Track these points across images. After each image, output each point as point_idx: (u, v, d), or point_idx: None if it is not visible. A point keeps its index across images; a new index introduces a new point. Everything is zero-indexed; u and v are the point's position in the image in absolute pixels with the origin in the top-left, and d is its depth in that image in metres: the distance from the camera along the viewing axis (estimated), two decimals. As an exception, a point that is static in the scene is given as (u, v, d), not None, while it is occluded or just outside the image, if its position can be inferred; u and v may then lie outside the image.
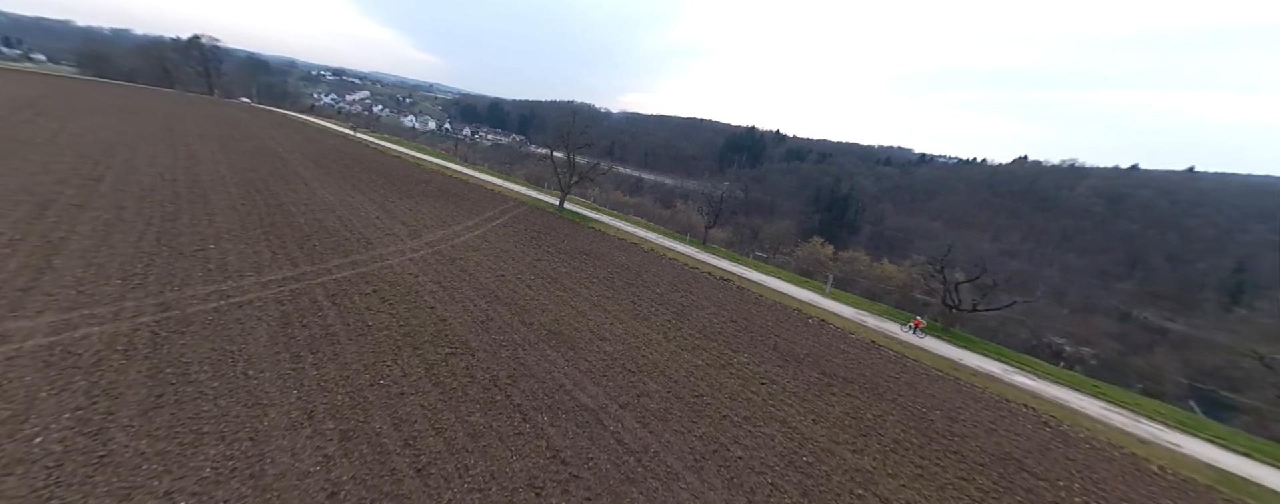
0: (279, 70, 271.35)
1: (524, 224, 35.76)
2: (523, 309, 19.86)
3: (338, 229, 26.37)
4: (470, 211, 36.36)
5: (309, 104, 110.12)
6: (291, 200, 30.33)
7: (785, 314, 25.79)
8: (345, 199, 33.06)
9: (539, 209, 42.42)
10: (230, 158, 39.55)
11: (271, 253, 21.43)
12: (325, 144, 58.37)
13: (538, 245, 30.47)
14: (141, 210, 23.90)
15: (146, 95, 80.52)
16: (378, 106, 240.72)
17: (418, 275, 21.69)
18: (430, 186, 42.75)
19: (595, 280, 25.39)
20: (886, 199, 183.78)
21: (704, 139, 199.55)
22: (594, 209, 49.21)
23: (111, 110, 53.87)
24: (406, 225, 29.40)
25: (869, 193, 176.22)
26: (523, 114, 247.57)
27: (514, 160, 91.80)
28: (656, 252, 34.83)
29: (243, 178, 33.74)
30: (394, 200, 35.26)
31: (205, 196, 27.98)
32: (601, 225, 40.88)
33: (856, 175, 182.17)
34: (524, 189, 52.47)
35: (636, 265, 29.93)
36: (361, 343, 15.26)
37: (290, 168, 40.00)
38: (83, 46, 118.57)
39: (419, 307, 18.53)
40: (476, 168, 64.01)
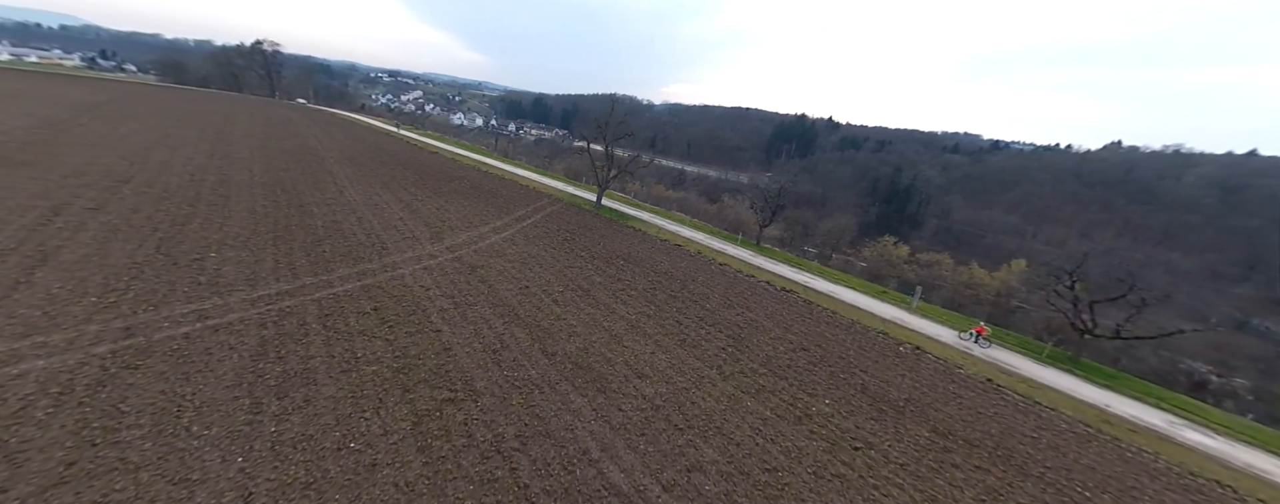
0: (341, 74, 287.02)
1: (557, 223, 32.59)
2: (545, 332, 16.44)
3: (354, 232, 24.10)
4: (501, 210, 33.61)
5: (360, 103, 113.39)
6: (315, 200, 28.59)
7: (867, 338, 20.98)
8: (371, 198, 31.12)
9: (575, 206, 39.25)
10: (267, 157, 38.89)
11: (274, 262, 19.18)
12: (366, 141, 58.00)
13: (570, 249, 27.11)
14: (154, 214, 22.48)
15: (209, 98, 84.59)
16: (429, 105, 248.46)
17: (430, 288, 18.78)
18: (462, 183, 40.54)
19: (633, 293, 21.66)
20: (954, 190, 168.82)
21: (750, 128, 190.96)
22: (634, 205, 45.54)
23: (168, 113, 55.71)
24: (429, 227, 26.87)
25: (934, 183, 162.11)
26: (565, 108, 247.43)
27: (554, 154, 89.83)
28: (704, 255, 30.65)
29: (272, 177, 32.55)
30: (422, 199, 33.07)
31: (226, 198, 26.58)
32: (642, 224, 37.13)
33: (920, 164, 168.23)
34: (561, 184, 49.58)
35: (682, 273, 25.93)
36: (342, 383, 12.29)
37: (324, 166, 38.89)
38: (162, 56, 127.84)
39: (423, 330, 15.50)
40: (514, 163, 61.93)
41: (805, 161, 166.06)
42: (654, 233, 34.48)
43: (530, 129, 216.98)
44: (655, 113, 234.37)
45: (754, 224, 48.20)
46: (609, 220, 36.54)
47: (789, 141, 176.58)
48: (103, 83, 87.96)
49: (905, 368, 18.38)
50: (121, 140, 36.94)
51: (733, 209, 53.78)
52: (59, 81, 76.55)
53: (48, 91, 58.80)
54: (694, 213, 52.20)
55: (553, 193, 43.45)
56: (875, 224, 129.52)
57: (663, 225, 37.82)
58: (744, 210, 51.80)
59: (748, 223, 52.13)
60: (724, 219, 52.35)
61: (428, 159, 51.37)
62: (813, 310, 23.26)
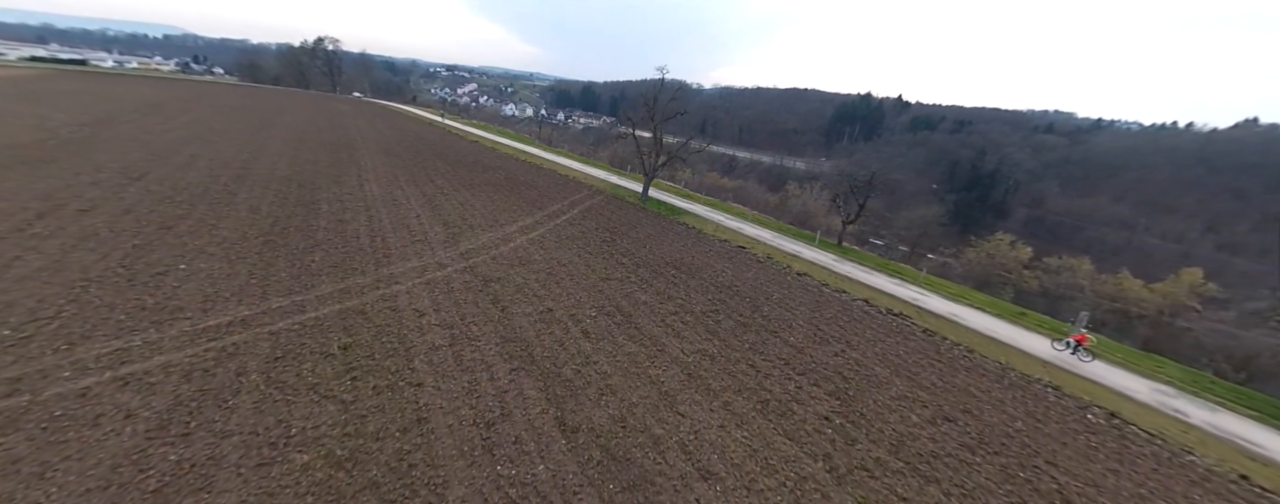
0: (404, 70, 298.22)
1: (597, 220, 27.71)
2: (567, 388, 11.54)
3: (358, 235, 20.36)
4: (534, 205, 29.19)
5: (412, 96, 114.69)
6: (329, 196, 25.38)
7: (1033, 396, 14.46)
8: (391, 193, 27.65)
9: (618, 199, 34.24)
10: (299, 150, 36.74)
11: (247, 276, 15.55)
12: (407, 132, 55.88)
13: (610, 253, 22.10)
14: (144, 216, 19.72)
15: (271, 94, 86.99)
16: (483, 97, 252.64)
17: (426, 313, 14.42)
18: (496, 175, 36.61)
19: (690, 318, 16.33)
20: (1048, 175, 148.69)
21: (808, 110, 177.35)
22: (685, 196, 39.90)
23: (224, 108, 56.08)
24: (448, 227, 22.80)
25: (1024, 167, 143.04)
26: (613, 96, 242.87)
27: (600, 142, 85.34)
28: (775, 261, 24.66)
29: (295, 171, 29.90)
30: (448, 193, 29.27)
31: (234, 195, 23.79)
32: (695, 220, 31.50)
33: (1006, 146, 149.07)
34: (604, 174, 44.73)
35: (751, 287, 20.23)
36: (250, 489, 7.97)
37: (355, 158, 36.21)
38: (239, 58, 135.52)
39: (398, 384, 11.05)
40: (557, 151, 57.81)
41: (871, 145, 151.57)
42: (710, 231, 28.80)
43: (578, 117, 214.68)
44: (705, 97, 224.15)
45: (823, 215, 41.22)
46: (657, 216, 31.24)
47: (852, 123, 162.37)
48: (181, 83, 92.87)
49: (1108, 453, 11.88)
50: (161, 136, 35.94)
51: (799, 199, 46.78)
52: (143, 83, 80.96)
53: (122, 91, 61.20)
54: (753, 204, 45.75)
55: (594, 183, 38.68)
56: (954, 214, 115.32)
57: (720, 221, 32.02)
58: (812, 201, 44.72)
59: (816, 215, 45.04)
60: (789, 212, 45.55)
61: (465, 148, 48.16)
62: (939, 346, 16.86)
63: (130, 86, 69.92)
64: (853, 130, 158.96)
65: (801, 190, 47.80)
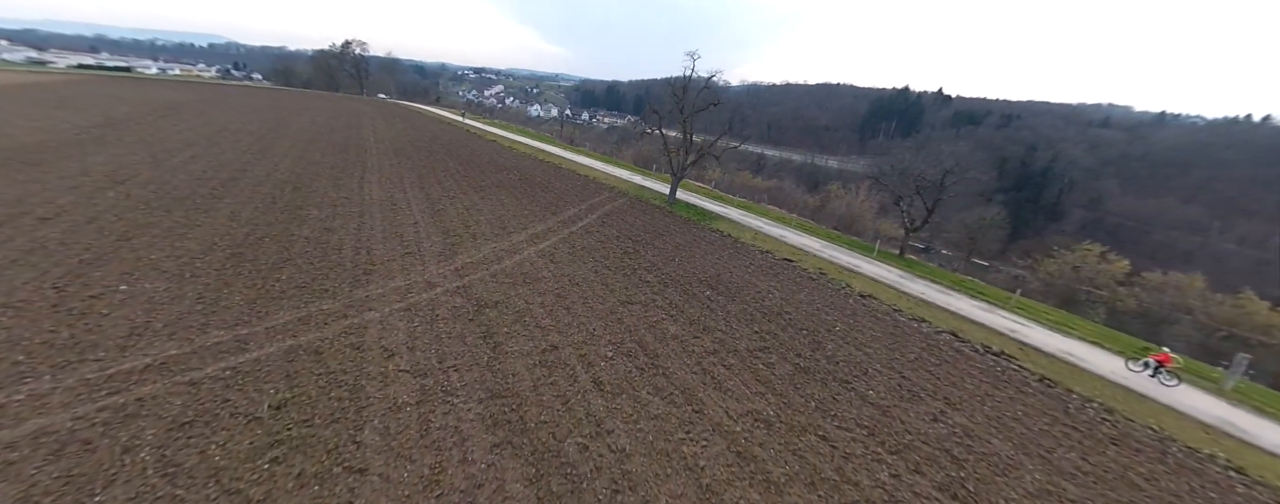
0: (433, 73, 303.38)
1: (618, 227, 24.33)
2: (567, 480, 8.14)
3: (341, 246, 17.58)
4: (548, 209, 26.05)
5: (435, 97, 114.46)
6: (321, 200, 22.86)
7: (1228, 497, 10.29)
8: (392, 196, 25.01)
9: (642, 201, 30.80)
10: (306, 151, 34.76)
11: (195, 299, 12.82)
12: (424, 131, 53.93)
13: (632, 269, 18.67)
14: (107, 225, 17.42)
15: (297, 96, 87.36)
16: (510, 98, 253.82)
17: (396, 354, 11.32)
18: (510, 175, 33.72)
19: (733, 360, 12.72)
20: (1107, 173, 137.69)
21: (840, 106, 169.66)
22: (716, 198, 36.13)
23: (244, 110, 55.40)
24: (447, 235, 19.85)
25: (1081, 165, 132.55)
26: (638, 95, 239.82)
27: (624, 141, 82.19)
28: (830, 277, 20.73)
29: (294, 173, 27.68)
30: (454, 196, 26.46)
31: (217, 200, 21.48)
32: (730, 225, 27.75)
33: (1060, 142, 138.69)
34: (628, 174, 41.39)
35: (806, 315, 16.43)
36: None
37: (362, 158, 33.96)
38: (274, 63, 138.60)
39: (333, 470, 7.89)
40: (578, 150, 54.83)
41: (910, 141, 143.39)
42: (749, 240, 25.03)
43: (602, 117, 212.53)
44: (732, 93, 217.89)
45: (878, 221, 36.80)
46: (686, 220, 27.63)
47: (888, 119, 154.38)
48: (215, 87, 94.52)
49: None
50: (169, 137, 34.54)
51: (841, 201, 42.27)
52: (178, 87, 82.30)
53: (152, 94, 61.51)
54: (791, 207, 41.59)
55: (616, 184, 35.35)
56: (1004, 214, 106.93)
57: (758, 227, 28.17)
58: (858, 203, 40.18)
59: (862, 218, 40.53)
60: (831, 215, 41.18)
61: (481, 148, 45.65)
62: (1065, 404, 12.70)
63: (163, 90, 70.71)
64: (889, 126, 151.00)
65: (845, 191, 43.25)
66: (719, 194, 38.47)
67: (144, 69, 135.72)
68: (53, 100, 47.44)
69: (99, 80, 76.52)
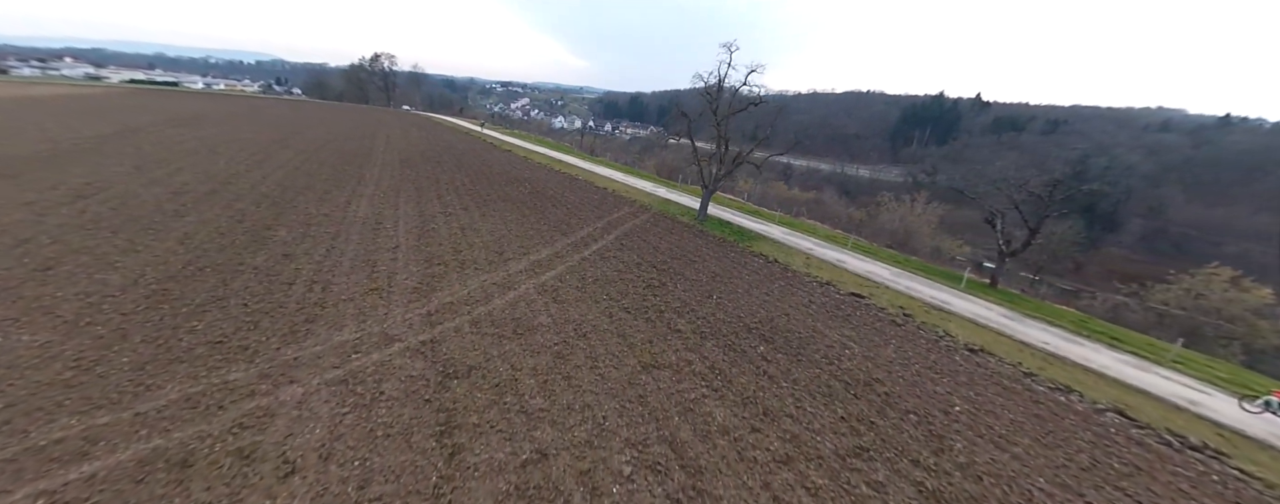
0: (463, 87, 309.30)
1: (639, 250, 20.02)
2: None
3: (295, 280, 13.83)
4: (559, 227, 21.99)
5: (458, 108, 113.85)
6: (294, 220, 19.39)
7: None
8: (381, 213, 21.43)
9: (667, 218, 26.45)
10: (306, 161, 31.91)
11: (64, 365, 9.11)
12: (440, 141, 51.18)
13: (658, 310, 14.27)
14: (36, 250, 14.18)
15: (323, 108, 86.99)
16: (535, 111, 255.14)
17: (302, 469, 7.20)
18: (520, 188, 29.94)
19: (819, 474, 8.15)
20: (1168, 180, 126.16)
21: (870, 114, 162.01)
22: (752, 213, 31.48)
23: (264, 120, 53.93)
24: (430, 264, 15.97)
25: (1139, 171, 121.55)
26: (661, 105, 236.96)
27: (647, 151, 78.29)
28: (915, 319, 15.81)
29: (279, 185, 24.54)
30: (452, 212, 22.73)
31: (178, 218, 18.24)
32: (773, 247, 23.08)
33: (1114, 148, 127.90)
34: (651, 186, 37.18)
35: (905, 386, 11.61)
36: None
37: (363, 170, 30.84)
38: (308, 77, 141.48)
39: None
40: (598, 160, 51.03)
41: (946, 149, 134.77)
42: (800, 266, 20.29)
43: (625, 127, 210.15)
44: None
45: (938, 237, 31.56)
46: (721, 241, 23.11)
47: (921, 126, 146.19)
48: (249, 99, 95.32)
49: None
50: (170, 146, 32.26)
51: (893, 213, 36.88)
52: (214, 99, 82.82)
53: (180, 106, 61.03)
54: (833, 220, 36.50)
55: (639, 198, 31.15)
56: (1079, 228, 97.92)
57: (807, 248, 23.40)
58: (914, 216, 34.75)
59: (919, 234, 35.10)
60: (883, 230, 35.86)
61: (495, 158, 42.30)
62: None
63: (196, 102, 70.76)
64: (923, 134, 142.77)
65: (898, 203, 37.86)
66: (754, 208, 33.78)
67: (191, 84, 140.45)
68: (82, 111, 46.72)
69: (142, 93, 77.60)
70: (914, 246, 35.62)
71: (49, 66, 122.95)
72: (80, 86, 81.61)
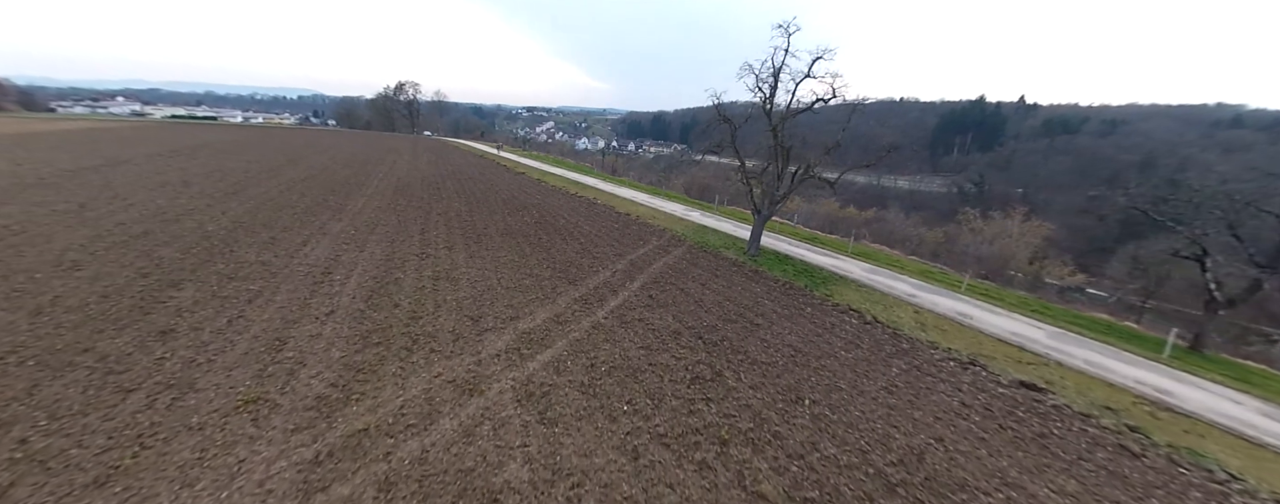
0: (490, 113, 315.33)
1: (676, 309, 14.08)
2: None
3: (133, 389, 8.48)
4: (566, 272, 16.34)
5: (479, 132, 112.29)
6: (217, 273, 14.40)
7: None
8: (338, 258, 16.34)
9: (707, 252, 20.53)
10: (285, 193, 27.69)
11: None
12: (449, 166, 47.09)
13: (719, 439, 8.20)
14: None
15: (342, 135, 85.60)
16: (559, 133, 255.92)
17: None
18: (527, 217, 24.66)
19: None
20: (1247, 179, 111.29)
21: (906, 122, 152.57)
22: (809, 240, 25.20)
23: (272, 148, 51.27)
24: (367, 344, 10.49)
25: (1214, 171, 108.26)
26: (684, 123, 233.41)
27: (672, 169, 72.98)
28: (1151, 436, 9.31)
29: (230, 224, 19.92)
30: (433, 254, 17.47)
31: (72, 272, 13.48)
32: (859, 294, 16.73)
33: (1183, 148, 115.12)
34: (681, 209, 31.40)
35: None
36: None
37: (345, 200, 26.29)
38: (339, 107, 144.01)
39: None
40: (620, 181, 45.73)
41: (991, 156, 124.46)
42: (911, 325, 13.83)
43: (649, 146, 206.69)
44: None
45: (1041, 263, 24.75)
46: (787, 287, 16.89)
47: (962, 133, 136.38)
48: (276, 130, 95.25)
49: None
50: (139, 180, 28.63)
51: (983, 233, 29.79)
52: (235, 130, 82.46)
53: (194, 137, 59.39)
54: (905, 244, 29.77)
55: (668, 225, 25.40)
56: (1119, 234, 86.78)
57: (909, 294, 16.94)
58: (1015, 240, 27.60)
59: (1014, 258, 27.94)
60: (966, 254, 28.87)
61: (505, 182, 37.55)
62: None
63: (216, 133, 69.73)
64: (964, 140, 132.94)
65: (986, 223, 30.55)
66: (810, 233, 27.46)
67: (230, 118, 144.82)
68: (86, 143, 44.84)
69: (171, 126, 77.77)
70: (1009, 274, 28.44)
71: (99, 105, 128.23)
72: (113, 121, 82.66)
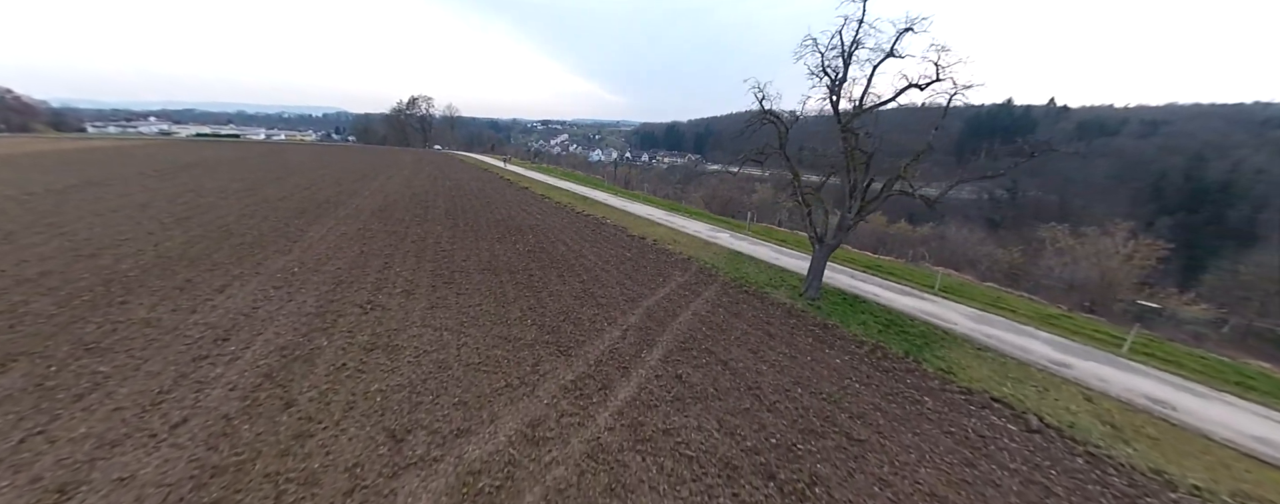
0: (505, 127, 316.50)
1: (723, 402, 8.92)
2: None
3: None
4: (555, 337, 11.34)
5: (490, 145, 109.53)
6: (71, 341, 9.78)
7: None
8: (253, 313, 11.64)
9: (748, 291, 15.36)
10: (241, 218, 23.47)
11: None
12: (446, 181, 42.92)
13: None
14: None
15: (348, 150, 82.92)
16: (573, 146, 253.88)
17: None
18: (520, 244, 19.83)
19: None
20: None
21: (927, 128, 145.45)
22: (871, 267, 19.76)
23: (270, 166, 47.92)
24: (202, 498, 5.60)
25: (1272, 173, 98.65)
26: (698, 132, 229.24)
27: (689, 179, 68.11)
28: None
29: (153, 260, 15.54)
30: (383, 304, 12.66)
31: None
32: (993, 369, 11.41)
33: (1234, 148, 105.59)
34: (707, 229, 26.29)
35: None
36: None
37: (310, 224, 21.89)
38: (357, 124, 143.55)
39: None
40: (634, 195, 40.83)
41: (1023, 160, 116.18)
42: (1099, 434, 8.50)
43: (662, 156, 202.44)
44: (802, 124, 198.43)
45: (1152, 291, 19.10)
46: (875, 354, 11.54)
47: (990, 137, 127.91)
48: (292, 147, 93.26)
49: None
50: (95, 204, 24.71)
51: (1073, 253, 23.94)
52: (242, 147, 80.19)
53: (192, 154, 56.64)
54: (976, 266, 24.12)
55: (692, 251, 20.30)
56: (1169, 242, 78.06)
57: (1059, 360, 11.55)
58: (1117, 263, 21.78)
59: (1118, 285, 22.10)
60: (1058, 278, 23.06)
61: (505, 199, 33.02)
62: None
63: (223, 150, 67.20)
64: (992, 145, 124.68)
65: (1078, 240, 24.63)
66: (871, 260, 22.02)
67: (253, 135, 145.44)
68: (81, 162, 42.03)
69: (185, 144, 76.04)
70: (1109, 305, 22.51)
71: (131, 125, 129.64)
72: (135, 140, 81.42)
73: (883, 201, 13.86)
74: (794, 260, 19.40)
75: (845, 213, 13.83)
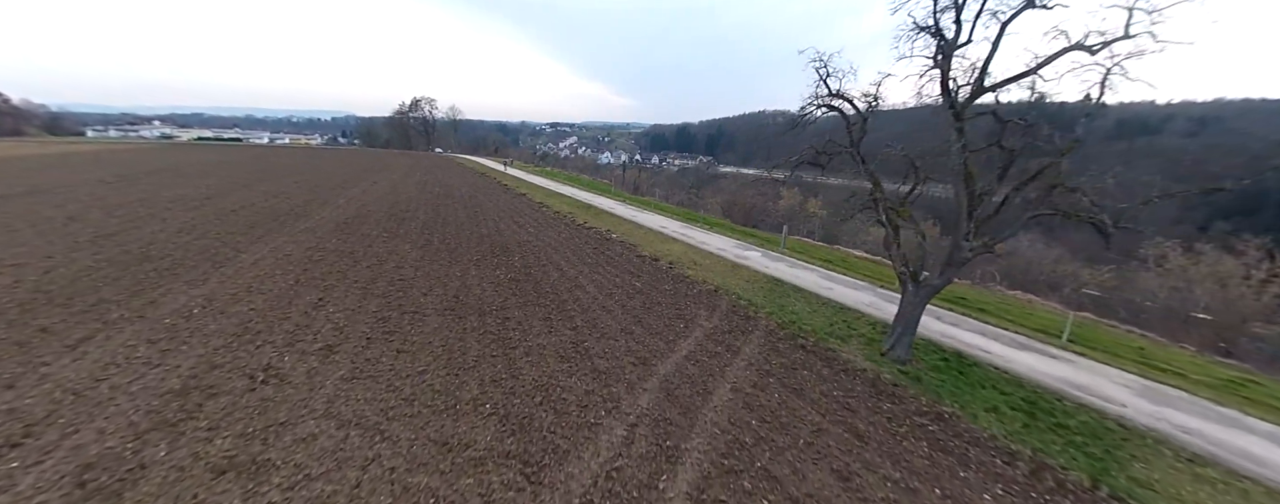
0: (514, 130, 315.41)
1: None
2: None
3: None
4: (523, 440, 7.40)
5: (492, 148, 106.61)
6: None
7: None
8: (98, 389, 7.80)
9: (806, 347, 11.32)
10: (182, 233, 19.98)
11: None
12: (437, 187, 39.42)
13: None
14: None
15: (344, 153, 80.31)
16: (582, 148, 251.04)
17: None
18: (501, 270, 16.00)
19: None
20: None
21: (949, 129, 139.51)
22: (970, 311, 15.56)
23: (241, 171, 44.90)
24: None
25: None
26: (710, 134, 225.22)
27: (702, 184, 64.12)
28: None
29: (23, 296, 11.99)
30: (293, 372, 8.83)
31: None
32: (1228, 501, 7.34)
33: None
34: (732, 245, 22.21)
35: None
36: None
37: (246, 245, 18.31)
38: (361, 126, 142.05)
39: None
40: (644, 202, 36.82)
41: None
42: None
43: (673, 159, 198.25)
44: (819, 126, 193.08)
45: None
46: (1038, 477, 7.58)
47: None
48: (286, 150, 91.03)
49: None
50: (31, 213, 21.42)
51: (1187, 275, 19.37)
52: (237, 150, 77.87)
53: (177, 158, 54.04)
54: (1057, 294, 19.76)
55: (722, 280, 16.27)
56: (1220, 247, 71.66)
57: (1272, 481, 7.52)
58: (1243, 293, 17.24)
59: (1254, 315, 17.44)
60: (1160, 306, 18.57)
61: (496, 209, 29.29)
62: None
63: (210, 154, 64.54)
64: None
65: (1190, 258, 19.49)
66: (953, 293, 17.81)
67: (257, 139, 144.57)
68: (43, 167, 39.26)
69: (173, 148, 73.92)
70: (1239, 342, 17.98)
71: (132, 129, 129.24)
72: (127, 144, 79.66)
73: (1032, 219, 9.74)
74: (851, 290, 15.29)
75: (958, 239, 9.76)
